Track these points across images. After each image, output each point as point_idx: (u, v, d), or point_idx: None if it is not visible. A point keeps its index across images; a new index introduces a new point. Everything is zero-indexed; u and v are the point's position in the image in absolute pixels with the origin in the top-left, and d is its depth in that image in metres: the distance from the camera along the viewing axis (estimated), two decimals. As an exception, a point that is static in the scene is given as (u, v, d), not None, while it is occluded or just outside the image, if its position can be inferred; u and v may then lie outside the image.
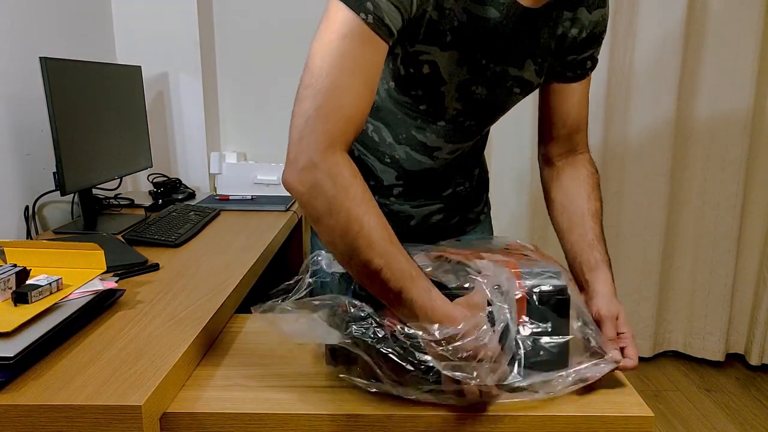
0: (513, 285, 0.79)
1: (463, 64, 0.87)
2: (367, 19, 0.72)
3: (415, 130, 0.96)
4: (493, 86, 0.91)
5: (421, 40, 0.82)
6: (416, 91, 0.89)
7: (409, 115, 0.94)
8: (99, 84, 1.62)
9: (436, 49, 0.83)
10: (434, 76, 0.86)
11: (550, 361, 0.80)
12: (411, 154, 0.99)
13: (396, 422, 0.79)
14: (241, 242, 1.46)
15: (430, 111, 0.92)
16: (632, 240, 2.34)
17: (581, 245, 0.93)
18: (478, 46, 0.86)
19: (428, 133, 0.96)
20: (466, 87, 0.90)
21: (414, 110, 0.93)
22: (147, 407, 0.74)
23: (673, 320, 2.45)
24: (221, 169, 2.16)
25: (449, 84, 0.88)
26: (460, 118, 0.94)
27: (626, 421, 0.79)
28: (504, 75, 0.90)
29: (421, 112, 0.93)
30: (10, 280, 0.93)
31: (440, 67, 0.85)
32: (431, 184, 1.05)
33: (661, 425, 2.01)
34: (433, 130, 0.96)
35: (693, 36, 2.15)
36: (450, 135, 0.96)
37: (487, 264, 0.83)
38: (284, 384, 0.86)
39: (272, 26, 2.23)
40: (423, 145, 0.98)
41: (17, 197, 1.55)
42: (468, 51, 0.86)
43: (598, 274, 0.90)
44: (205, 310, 1.02)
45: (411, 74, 0.86)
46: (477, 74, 0.89)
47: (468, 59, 0.86)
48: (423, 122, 0.95)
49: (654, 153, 2.24)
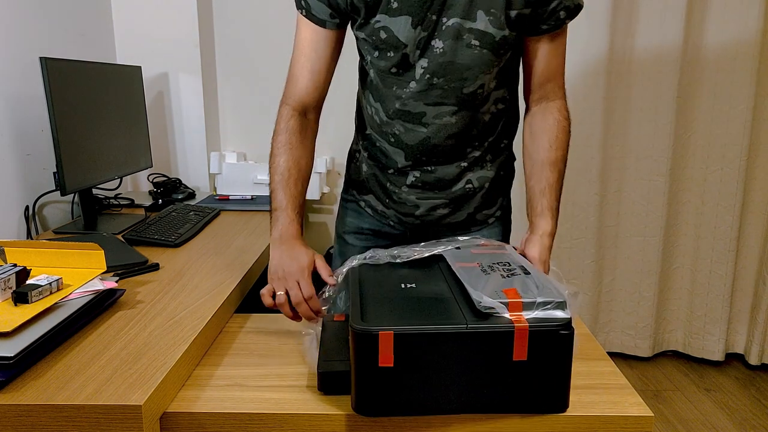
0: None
1: (417, 24, 0.97)
2: (302, 12, 1.03)
3: (397, 101, 1.06)
4: (449, 40, 0.98)
5: (372, 12, 0.98)
6: (389, 53, 1.01)
7: (389, 84, 1.05)
8: (99, 84, 1.62)
9: (385, 17, 0.97)
10: (393, 40, 0.99)
11: (548, 402, 0.78)
12: (405, 125, 1.08)
13: (396, 422, 0.79)
14: (241, 242, 1.46)
15: (401, 73, 1.03)
16: (632, 240, 2.35)
17: (534, 191, 1.05)
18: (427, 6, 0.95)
19: (406, 99, 1.05)
20: (426, 44, 0.99)
21: (391, 76, 1.04)
22: (147, 407, 0.74)
23: (673, 320, 2.45)
24: (221, 169, 2.16)
25: (410, 45, 0.99)
26: (427, 75, 1.02)
27: (626, 421, 0.79)
28: (459, 28, 0.97)
29: (395, 76, 1.03)
30: (11, 280, 0.93)
31: (394, 31, 0.98)
32: (441, 159, 1.11)
33: (661, 425, 2.01)
34: (410, 95, 1.05)
35: (693, 36, 2.15)
36: (425, 96, 1.04)
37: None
38: (284, 384, 0.86)
39: (272, 26, 2.23)
40: (408, 113, 1.07)
41: (17, 197, 1.55)
42: (417, 11, 0.96)
43: (540, 221, 1.03)
44: (205, 310, 1.02)
45: (374, 41, 1.01)
46: (433, 30, 0.97)
47: (421, 19, 0.96)
48: (399, 88, 1.05)
49: (654, 153, 2.25)
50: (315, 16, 1.01)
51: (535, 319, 0.74)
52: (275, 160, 1.07)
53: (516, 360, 0.74)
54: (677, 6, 2.09)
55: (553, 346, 0.74)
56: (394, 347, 0.72)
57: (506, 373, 0.75)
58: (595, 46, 2.13)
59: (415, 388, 0.74)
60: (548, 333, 0.74)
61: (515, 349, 0.74)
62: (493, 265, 0.88)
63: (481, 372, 0.74)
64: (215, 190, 2.21)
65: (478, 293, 0.77)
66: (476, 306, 0.76)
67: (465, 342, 0.73)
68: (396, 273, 0.92)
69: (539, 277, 0.83)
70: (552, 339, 0.74)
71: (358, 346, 0.73)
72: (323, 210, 2.38)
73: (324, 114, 1.12)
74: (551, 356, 0.74)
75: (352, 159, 1.26)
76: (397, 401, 0.74)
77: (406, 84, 1.04)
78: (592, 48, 2.13)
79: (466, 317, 0.75)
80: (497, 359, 0.74)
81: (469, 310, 0.77)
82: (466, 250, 0.98)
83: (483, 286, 0.79)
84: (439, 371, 0.74)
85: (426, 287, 0.85)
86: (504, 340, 0.73)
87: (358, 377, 0.74)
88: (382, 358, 0.72)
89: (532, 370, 0.75)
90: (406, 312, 0.77)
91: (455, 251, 0.98)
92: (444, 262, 0.96)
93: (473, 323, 0.73)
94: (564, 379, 0.76)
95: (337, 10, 1.01)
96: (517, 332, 0.73)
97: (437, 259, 0.98)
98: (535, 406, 0.77)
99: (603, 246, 2.35)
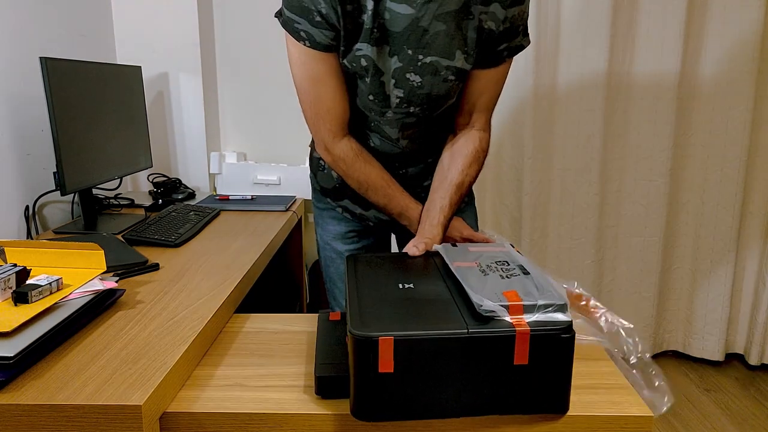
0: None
1: (394, 55, 1.01)
2: (306, 44, 0.99)
3: (375, 123, 1.12)
4: (427, 75, 1.03)
5: (354, 39, 0.99)
6: (363, 80, 1.04)
7: (368, 107, 1.09)
8: (99, 84, 1.62)
9: (366, 45, 0.99)
10: (372, 68, 1.02)
11: (548, 405, 0.77)
12: (381, 141, 1.15)
13: (394, 424, 0.79)
14: (241, 242, 1.46)
15: (378, 101, 1.07)
16: (632, 240, 2.34)
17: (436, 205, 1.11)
18: (403, 40, 0.99)
19: (383, 125, 1.11)
20: (401, 75, 1.03)
21: (369, 102, 1.07)
22: (147, 407, 0.74)
23: (673, 320, 2.45)
24: (221, 169, 2.16)
25: (386, 74, 1.02)
26: (404, 104, 1.07)
27: (626, 421, 0.79)
28: (436, 65, 1.02)
29: (372, 103, 1.07)
30: (11, 280, 0.93)
31: (374, 60, 1.00)
32: (411, 163, 1.20)
33: (660, 425, 2.01)
34: (386, 122, 1.10)
35: (692, 36, 2.15)
36: (400, 124, 1.10)
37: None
38: (284, 384, 0.86)
39: (272, 26, 2.23)
40: (386, 135, 1.13)
41: (17, 197, 1.55)
42: (396, 44, 0.99)
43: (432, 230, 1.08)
44: (205, 310, 1.02)
45: (354, 67, 1.02)
46: (409, 63, 1.01)
47: (398, 51, 1.00)
48: (376, 114, 1.09)
49: (654, 153, 2.25)
50: (320, 44, 0.99)
51: (536, 323, 0.74)
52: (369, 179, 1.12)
53: (517, 364, 0.74)
54: (677, 6, 2.09)
55: (554, 349, 0.74)
56: (395, 353, 0.71)
57: (507, 377, 0.74)
58: (595, 46, 2.12)
59: (415, 394, 0.74)
60: (549, 337, 0.73)
61: (516, 354, 0.73)
62: (491, 265, 0.88)
63: (482, 376, 0.74)
64: (215, 190, 2.21)
65: (479, 296, 0.76)
66: (477, 309, 0.75)
67: (466, 347, 0.72)
68: (393, 272, 0.91)
69: (539, 277, 0.83)
70: (553, 343, 0.73)
71: (357, 351, 0.72)
72: (323, 210, 2.38)
73: None
74: (552, 360, 0.74)
75: (317, 167, 1.28)
76: (397, 407, 0.74)
77: (383, 112, 1.09)
78: (593, 48, 2.13)
79: (466, 321, 0.74)
80: (498, 364, 0.74)
81: (470, 313, 0.76)
82: (463, 247, 0.98)
83: (483, 289, 0.79)
84: (440, 376, 0.73)
85: (424, 288, 0.85)
86: (505, 344, 0.73)
87: (358, 383, 0.74)
88: (382, 363, 0.72)
89: (533, 373, 0.74)
90: (405, 316, 0.76)
91: (451, 248, 0.97)
92: (440, 259, 0.95)
93: (474, 328, 0.73)
94: (565, 383, 0.76)
95: (334, 30, 0.99)
96: (519, 336, 0.73)
97: (433, 256, 0.98)
98: (535, 409, 0.77)
99: (603, 246, 2.35)
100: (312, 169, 1.31)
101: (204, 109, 2.16)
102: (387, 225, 1.28)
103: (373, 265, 0.95)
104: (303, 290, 2.27)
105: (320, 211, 1.34)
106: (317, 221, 1.35)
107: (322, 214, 1.33)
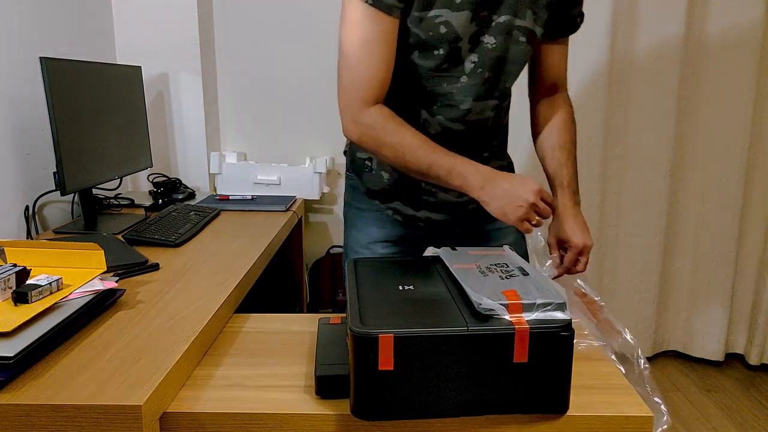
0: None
1: (473, 20, 1.01)
2: (368, 1, 0.96)
3: (444, 98, 1.08)
4: (501, 35, 1.04)
5: (434, 5, 0.98)
6: (438, 50, 1.02)
7: (435, 82, 1.06)
8: (99, 84, 1.62)
9: (448, 11, 0.99)
10: (451, 35, 1.01)
11: (548, 404, 0.77)
12: (445, 125, 1.10)
13: (394, 423, 0.79)
14: (241, 242, 1.46)
15: (452, 68, 1.05)
16: (632, 240, 2.34)
17: (552, 168, 1.14)
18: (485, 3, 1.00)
19: (456, 94, 1.07)
20: (477, 39, 1.03)
21: (438, 72, 1.05)
22: (147, 407, 0.74)
23: (673, 320, 2.45)
24: (221, 169, 2.16)
25: (464, 39, 1.02)
26: (479, 69, 1.05)
27: (626, 421, 0.79)
28: (509, 25, 1.03)
29: (444, 71, 1.05)
30: (10, 280, 0.93)
31: (454, 26, 1.00)
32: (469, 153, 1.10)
33: (660, 425, 2.01)
34: (459, 89, 1.07)
35: (693, 36, 2.15)
36: (474, 90, 1.07)
37: None
38: (284, 384, 0.86)
39: (272, 26, 2.23)
40: (454, 109, 1.09)
41: (17, 197, 1.55)
42: (476, 8, 1.00)
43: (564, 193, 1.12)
44: (205, 310, 1.02)
45: (431, 36, 1.01)
46: (484, 26, 1.02)
47: (477, 15, 1.00)
48: (449, 84, 1.06)
49: (654, 153, 2.25)
50: (385, 3, 0.96)
51: (535, 321, 0.74)
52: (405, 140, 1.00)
53: (517, 362, 0.74)
54: (678, 5, 2.09)
55: (553, 347, 0.74)
56: (395, 350, 0.72)
57: (507, 375, 0.74)
58: (595, 46, 2.12)
59: (414, 392, 0.74)
60: (549, 335, 0.74)
61: (516, 351, 0.74)
62: (491, 267, 0.88)
63: (482, 374, 0.74)
64: (215, 190, 2.21)
65: (478, 295, 0.76)
66: (476, 308, 0.76)
67: (466, 344, 0.73)
68: (393, 274, 0.91)
69: (538, 277, 0.83)
70: (553, 341, 0.74)
71: (357, 349, 0.72)
72: (323, 210, 2.38)
73: (324, 114, 1.13)
74: (552, 358, 0.74)
75: (363, 168, 1.22)
76: (397, 405, 0.74)
77: (455, 79, 1.06)
78: (593, 49, 2.13)
79: (466, 319, 0.74)
80: (498, 361, 0.74)
81: (469, 312, 0.77)
82: (463, 251, 0.98)
83: (482, 288, 0.79)
84: (440, 374, 0.73)
85: (424, 288, 0.85)
86: (505, 342, 0.73)
87: (358, 381, 0.74)
88: (382, 361, 0.72)
89: (533, 371, 0.74)
90: (405, 314, 0.77)
91: (452, 252, 0.98)
92: (441, 263, 0.96)
93: (474, 325, 0.73)
94: (564, 381, 0.76)
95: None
96: (518, 334, 0.73)
97: (434, 261, 0.98)
98: (535, 408, 0.77)
99: (603, 246, 2.35)
100: (354, 170, 1.25)
101: (204, 109, 2.16)
102: (436, 227, 1.22)
103: (374, 267, 0.95)
104: (303, 290, 2.27)
105: (361, 213, 1.26)
106: (354, 223, 1.27)
107: (363, 215, 1.25)
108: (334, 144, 2.30)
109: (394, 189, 1.19)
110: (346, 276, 0.92)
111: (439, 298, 0.82)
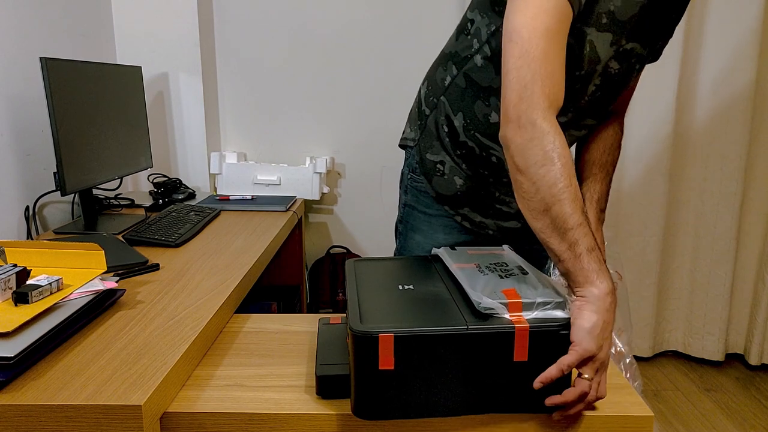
0: None
1: (612, 45, 0.92)
2: None
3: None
4: (623, 61, 0.97)
5: (585, 21, 0.89)
6: (579, 71, 0.94)
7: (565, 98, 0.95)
8: (99, 84, 1.62)
9: (593, 30, 0.90)
10: (593, 55, 0.92)
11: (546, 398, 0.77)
12: None
13: (394, 422, 0.79)
14: (241, 242, 1.46)
15: (577, 88, 0.96)
16: (632, 240, 2.34)
17: (587, 181, 1.10)
18: (626, 29, 0.91)
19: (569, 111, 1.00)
20: (607, 63, 0.96)
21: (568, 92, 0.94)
22: (147, 407, 0.74)
23: (673, 320, 2.45)
24: (221, 169, 2.16)
25: (600, 63, 0.94)
26: (598, 93, 0.99)
27: (626, 420, 0.79)
28: (631, 52, 0.96)
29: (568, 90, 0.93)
30: (11, 280, 0.93)
31: (596, 47, 0.91)
32: None
33: (660, 425, 2.01)
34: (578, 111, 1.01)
35: (693, 35, 2.15)
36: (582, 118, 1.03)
37: None
38: (284, 384, 0.86)
39: (272, 26, 2.23)
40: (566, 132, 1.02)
41: (18, 197, 1.55)
42: (618, 33, 0.91)
43: (591, 210, 1.10)
44: (205, 310, 1.02)
45: (576, 54, 0.91)
46: (618, 51, 0.95)
47: (617, 42, 0.92)
48: (570, 103, 0.98)
49: (654, 153, 2.24)
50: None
51: (535, 320, 0.74)
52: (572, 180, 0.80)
53: (516, 361, 0.74)
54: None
55: (553, 346, 0.74)
56: (395, 350, 0.72)
57: (507, 374, 0.75)
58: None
59: (415, 391, 0.74)
60: (548, 333, 0.74)
61: (516, 350, 0.74)
62: (490, 266, 0.88)
63: (482, 373, 0.74)
64: (215, 190, 2.21)
65: (478, 294, 0.77)
66: (476, 307, 0.76)
67: (466, 343, 0.73)
68: (393, 274, 0.92)
69: (538, 276, 0.83)
70: (552, 339, 0.74)
71: (357, 348, 0.72)
72: (323, 210, 2.39)
73: (323, 113, 1.08)
74: (552, 356, 0.74)
75: (434, 172, 1.14)
76: (397, 404, 0.74)
77: (577, 101, 0.98)
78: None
79: (466, 318, 0.75)
80: (498, 360, 0.74)
81: (469, 311, 0.77)
82: (463, 250, 0.98)
83: (482, 287, 0.79)
84: (440, 373, 0.74)
85: (424, 288, 0.85)
86: (505, 340, 0.73)
87: (358, 381, 0.74)
88: (382, 360, 0.72)
89: (533, 370, 0.74)
90: (405, 314, 0.77)
91: (451, 252, 0.98)
92: (440, 263, 0.96)
93: (473, 324, 0.73)
94: (564, 380, 0.76)
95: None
96: (518, 333, 0.73)
97: (433, 260, 0.98)
98: (535, 407, 0.77)
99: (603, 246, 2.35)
100: (424, 172, 1.15)
101: (204, 109, 2.16)
102: (505, 234, 1.18)
103: (374, 268, 0.95)
104: (303, 290, 2.27)
105: (429, 218, 1.18)
106: (419, 228, 1.19)
107: (431, 221, 1.18)
108: (334, 144, 2.30)
109: (466, 196, 1.13)
110: (346, 276, 0.92)
111: (438, 297, 0.82)
